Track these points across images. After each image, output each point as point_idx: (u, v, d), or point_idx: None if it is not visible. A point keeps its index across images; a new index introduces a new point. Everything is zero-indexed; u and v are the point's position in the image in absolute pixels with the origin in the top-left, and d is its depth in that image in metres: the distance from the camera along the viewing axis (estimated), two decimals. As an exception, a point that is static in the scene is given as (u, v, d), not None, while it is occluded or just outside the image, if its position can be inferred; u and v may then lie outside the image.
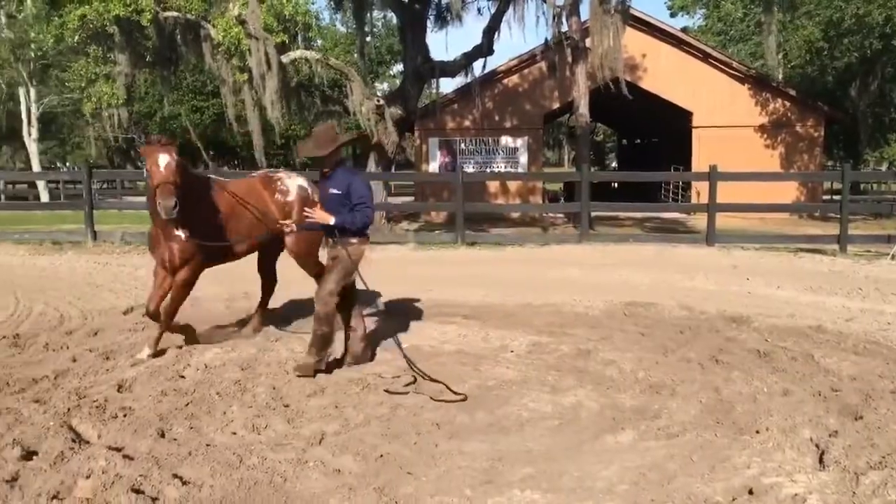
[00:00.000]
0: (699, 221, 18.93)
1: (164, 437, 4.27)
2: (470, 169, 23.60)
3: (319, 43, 35.73)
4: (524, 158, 24.69)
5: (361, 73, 22.18)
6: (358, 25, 21.48)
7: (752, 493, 3.52)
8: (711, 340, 6.64)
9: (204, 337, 6.50)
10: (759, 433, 4.27)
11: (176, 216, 5.57)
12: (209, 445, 4.15)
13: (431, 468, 3.95)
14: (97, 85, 19.58)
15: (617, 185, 33.85)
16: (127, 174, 34.38)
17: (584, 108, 18.64)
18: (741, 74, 24.22)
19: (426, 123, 24.40)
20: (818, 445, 4.05)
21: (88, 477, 3.64)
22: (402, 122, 19.05)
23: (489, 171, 24.40)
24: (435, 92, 22.99)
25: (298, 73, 19.07)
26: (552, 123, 44.10)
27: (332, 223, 5.45)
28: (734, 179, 15.40)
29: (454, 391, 5.10)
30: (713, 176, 13.43)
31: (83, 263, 11.38)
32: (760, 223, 19.10)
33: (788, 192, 22.35)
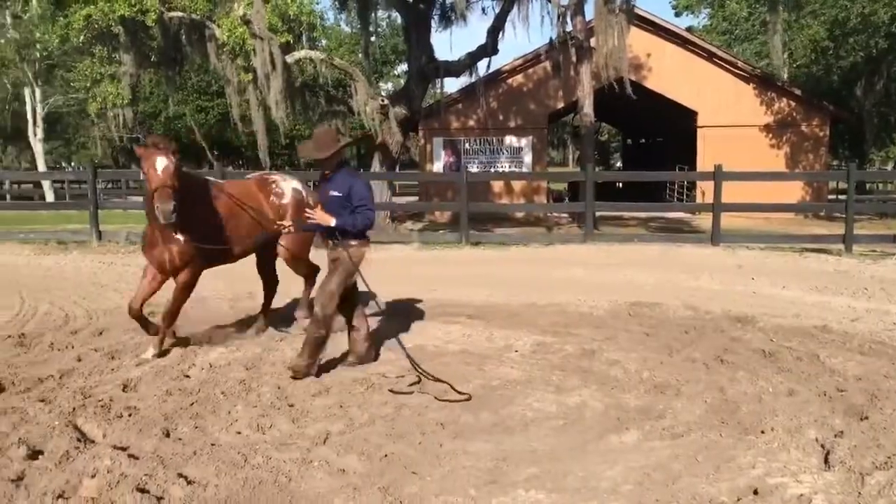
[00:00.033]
0: (704, 221, 18.91)
1: (169, 436, 4.28)
2: (474, 169, 23.62)
3: (324, 43, 35.82)
4: (528, 158, 24.66)
5: (366, 72, 22.19)
6: (362, 25, 21.50)
7: (757, 493, 3.50)
8: (716, 340, 6.62)
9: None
10: (764, 433, 4.25)
11: (174, 220, 5.51)
12: (214, 445, 4.15)
13: (436, 468, 3.95)
14: (102, 85, 19.67)
15: (621, 184, 33.81)
16: (132, 174, 34.21)
17: (588, 107, 18.64)
18: (746, 74, 24.16)
19: (430, 123, 24.40)
20: (823, 446, 4.03)
21: (94, 476, 3.64)
22: (406, 121, 19.07)
23: (493, 170, 24.39)
24: (439, 92, 22.94)
25: (303, 73, 19.10)
26: (556, 123, 44.01)
27: (333, 225, 5.43)
28: (739, 179, 15.40)
29: (458, 391, 5.10)
30: (718, 175, 13.42)
31: (88, 263, 11.41)
32: (765, 223, 19.07)
33: (793, 191, 22.31)
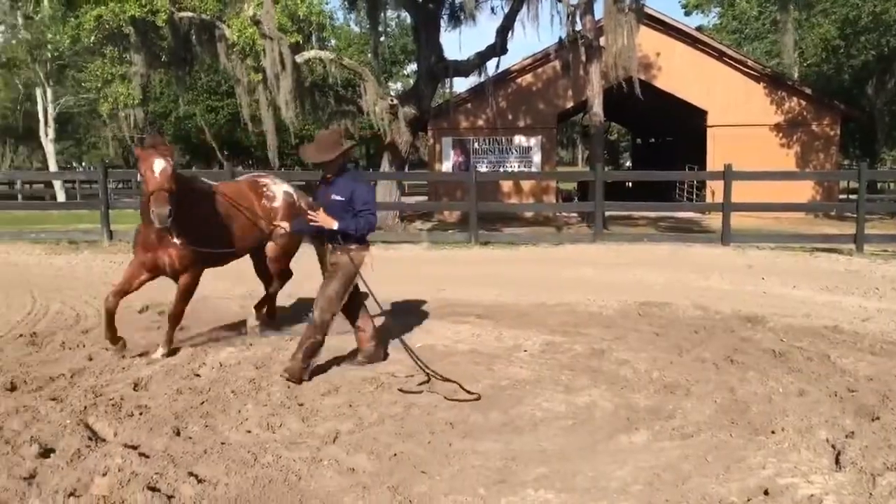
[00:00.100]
0: (714, 221, 18.83)
1: (179, 435, 4.30)
2: (483, 168, 23.58)
3: (333, 43, 35.87)
4: (538, 158, 24.61)
5: (375, 72, 22.20)
6: (372, 25, 21.52)
7: (767, 493, 3.49)
8: (726, 340, 6.60)
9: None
10: (774, 433, 4.24)
11: (169, 224, 5.44)
12: (224, 444, 4.17)
13: (445, 467, 3.95)
14: (113, 85, 19.75)
15: (631, 184, 33.72)
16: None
17: (597, 107, 18.59)
18: (756, 73, 24.03)
19: (440, 123, 24.38)
20: (834, 446, 4.01)
21: (105, 475, 3.66)
22: (415, 121, 19.08)
23: (502, 170, 24.32)
24: (448, 91, 22.91)
25: (312, 73, 19.15)
26: (566, 122, 43.90)
27: (335, 228, 5.42)
28: (749, 179, 15.33)
29: (468, 390, 5.10)
30: (728, 175, 13.36)
31: (99, 263, 11.47)
32: (776, 223, 18.97)
33: (804, 191, 22.19)
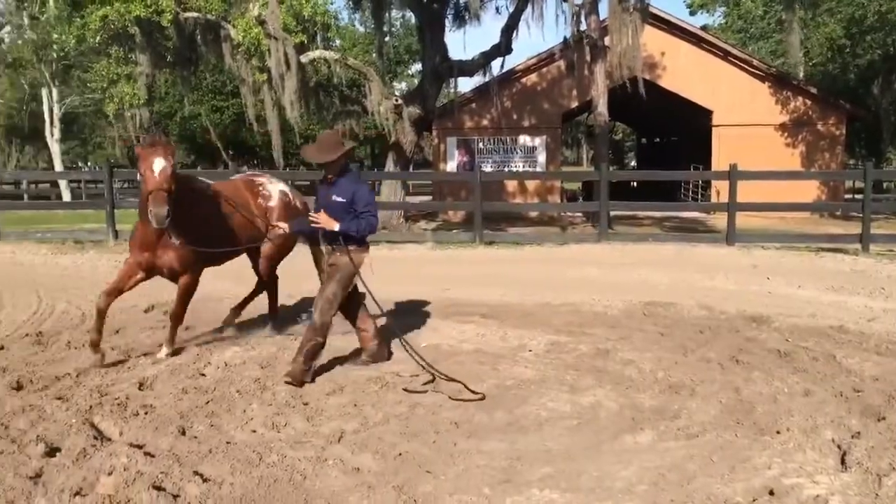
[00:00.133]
0: (719, 221, 18.81)
1: (184, 434, 4.31)
2: (488, 168, 23.59)
3: (338, 43, 35.85)
4: (542, 157, 24.60)
5: (380, 72, 22.23)
6: (376, 25, 21.50)
7: (772, 493, 3.49)
8: (731, 340, 6.59)
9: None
10: (779, 434, 4.23)
11: (167, 224, 5.40)
12: (229, 443, 4.18)
13: (450, 467, 3.95)
14: (119, 85, 19.76)
15: (636, 184, 33.68)
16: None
17: (602, 106, 18.59)
18: (761, 72, 23.98)
19: (444, 123, 24.40)
20: (840, 446, 4.01)
21: (110, 474, 3.68)
22: (420, 121, 19.08)
23: (507, 170, 24.32)
24: (453, 91, 22.91)
25: (317, 73, 19.13)
26: (571, 122, 43.94)
27: (336, 229, 5.42)
28: (754, 178, 15.28)
29: (472, 390, 5.10)
30: (733, 175, 13.33)
31: (105, 262, 11.48)
32: (781, 222, 18.92)
33: (809, 190, 22.15)
